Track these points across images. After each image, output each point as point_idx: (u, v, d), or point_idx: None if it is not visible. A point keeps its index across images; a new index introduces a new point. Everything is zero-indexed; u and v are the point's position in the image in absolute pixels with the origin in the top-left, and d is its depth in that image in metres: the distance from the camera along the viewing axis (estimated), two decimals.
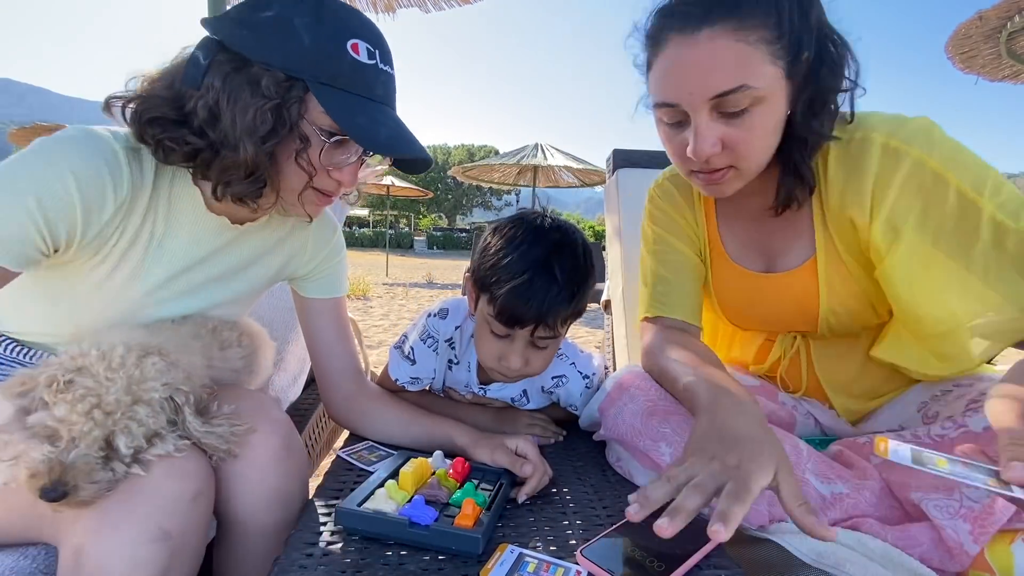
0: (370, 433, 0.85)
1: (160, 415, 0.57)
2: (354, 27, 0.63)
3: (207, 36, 0.62)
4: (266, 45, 0.59)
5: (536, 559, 0.52)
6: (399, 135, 0.65)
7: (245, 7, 0.61)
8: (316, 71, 0.60)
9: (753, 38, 0.62)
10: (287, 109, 0.60)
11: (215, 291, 0.77)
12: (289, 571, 0.51)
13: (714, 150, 0.67)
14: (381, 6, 2.59)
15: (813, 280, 0.78)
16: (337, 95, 0.61)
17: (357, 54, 0.62)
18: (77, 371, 0.54)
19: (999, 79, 3.70)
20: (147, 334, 0.62)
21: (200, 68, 0.60)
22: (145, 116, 0.60)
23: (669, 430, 0.71)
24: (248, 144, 0.60)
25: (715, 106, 0.65)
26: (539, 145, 8.72)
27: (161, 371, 0.57)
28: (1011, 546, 0.51)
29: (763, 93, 0.63)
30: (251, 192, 0.64)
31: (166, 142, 0.61)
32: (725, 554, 0.57)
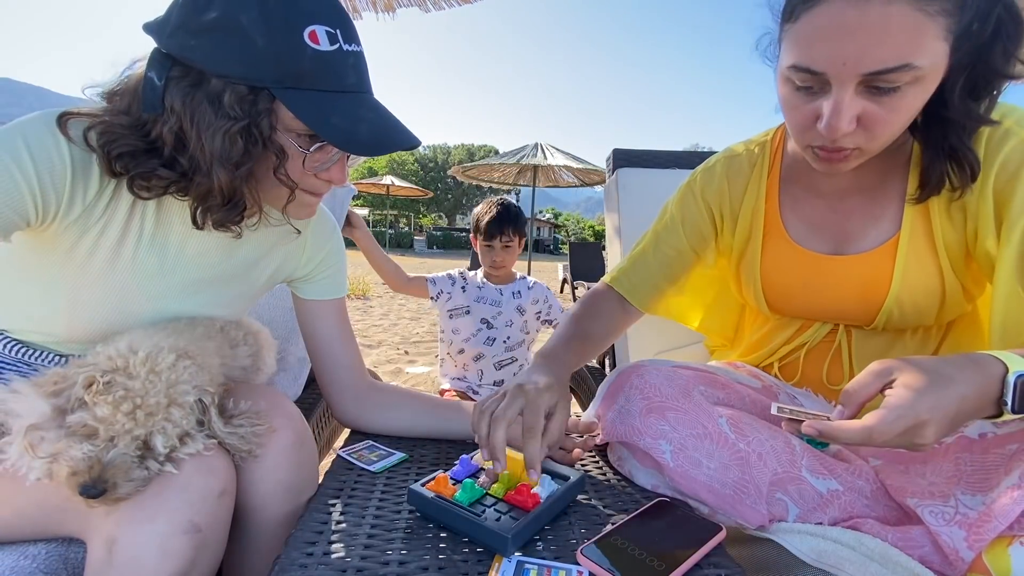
0: (383, 428, 0.85)
1: (191, 416, 0.58)
2: (306, 11, 0.56)
3: (156, 50, 0.57)
4: (218, 53, 0.54)
5: (537, 565, 0.52)
6: (381, 129, 0.60)
7: (186, 10, 0.55)
8: (278, 74, 0.55)
9: (934, 8, 0.54)
10: (256, 127, 0.56)
11: (213, 291, 0.76)
12: (289, 571, 0.51)
13: (850, 128, 0.61)
14: (381, 6, 2.59)
15: (888, 264, 0.73)
16: (306, 96, 0.56)
17: (316, 43, 0.56)
18: (115, 372, 0.55)
19: None
20: (169, 335, 0.63)
21: (157, 91, 0.55)
22: (114, 151, 0.57)
23: (668, 427, 0.70)
24: (221, 172, 0.56)
25: (866, 81, 0.58)
26: (539, 145, 8.71)
27: (193, 374, 0.59)
28: (1008, 548, 0.51)
29: (924, 72, 0.57)
30: (231, 217, 0.61)
31: (138, 180, 0.58)
32: (725, 554, 0.57)
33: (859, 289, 0.76)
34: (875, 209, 0.75)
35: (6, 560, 0.57)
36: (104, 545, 0.53)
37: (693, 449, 0.68)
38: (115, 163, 0.57)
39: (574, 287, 8.19)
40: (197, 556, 0.56)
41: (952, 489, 0.60)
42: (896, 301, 0.74)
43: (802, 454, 0.68)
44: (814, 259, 0.79)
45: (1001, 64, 0.60)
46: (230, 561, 0.67)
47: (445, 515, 0.58)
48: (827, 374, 0.85)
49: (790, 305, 0.85)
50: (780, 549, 0.62)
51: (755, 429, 0.69)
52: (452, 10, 2.61)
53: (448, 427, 0.82)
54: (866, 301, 0.76)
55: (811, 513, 0.65)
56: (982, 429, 0.62)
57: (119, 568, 0.53)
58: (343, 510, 0.63)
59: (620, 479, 0.76)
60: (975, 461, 0.60)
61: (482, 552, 0.56)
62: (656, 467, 0.71)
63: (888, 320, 0.76)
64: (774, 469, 0.66)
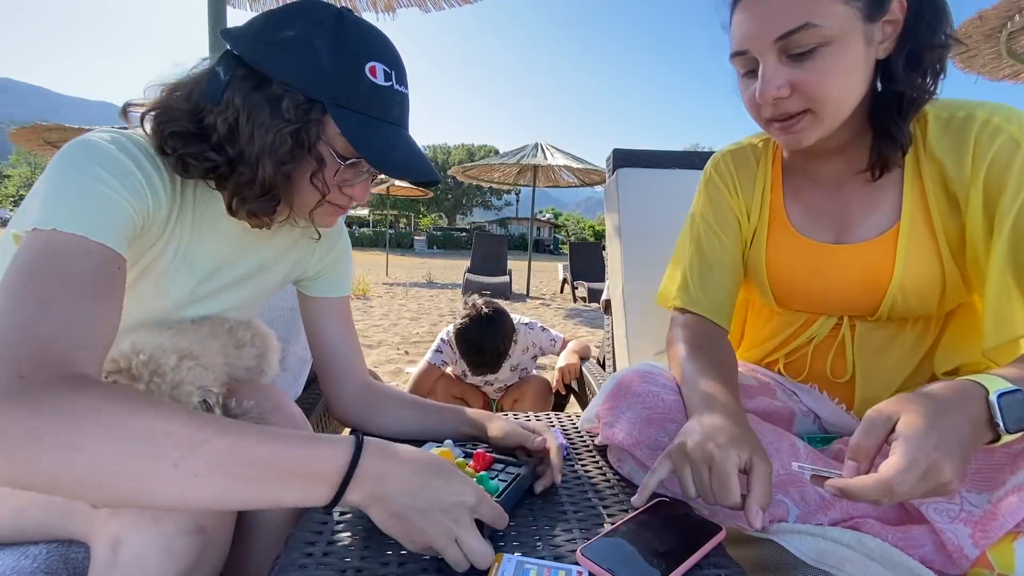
0: (382, 429, 0.85)
1: None
2: (373, 49, 0.63)
3: (227, 50, 0.63)
4: (287, 65, 0.60)
5: (536, 565, 0.52)
6: (411, 158, 0.66)
7: (267, 25, 0.62)
8: (334, 93, 0.61)
9: None
10: (306, 132, 0.61)
11: (231, 295, 0.78)
12: (289, 571, 0.51)
13: (781, 92, 0.67)
14: (381, 6, 2.59)
15: (889, 253, 0.75)
16: (353, 117, 0.62)
17: (374, 77, 0.63)
18: (118, 373, 0.55)
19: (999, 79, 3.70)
20: (173, 336, 0.64)
21: (220, 83, 0.61)
22: (167, 129, 0.61)
23: (666, 439, 0.71)
24: (267, 165, 0.61)
25: (782, 49, 0.65)
26: (539, 145, 8.71)
27: (197, 375, 0.59)
28: (1013, 543, 0.51)
29: (832, 33, 0.63)
30: (265, 209, 0.65)
31: (187, 157, 0.61)
32: (725, 554, 0.57)
33: (862, 278, 0.77)
34: (873, 195, 0.77)
35: (6, 560, 0.57)
36: (109, 546, 0.54)
37: None
38: (167, 141, 0.61)
39: (574, 287, 8.20)
40: (201, 557, 0.56)
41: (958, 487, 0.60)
42: (900, 289, 0.75)
43: (806, 456, 0.68)
44: (817, 248, 0.80)
45: (927, 35, 0.66)
46: (231, 561, 0.67)
47: None
48: (831, 368, 0.85)
49: (795, 297, 0.86)
50: (780, 549, 0.62)
51: (759, 432, 0.69)
52: (452, 10, 2.62)
53: (447, 431, 0.82)
54: (870, 290, 0.77)
55: (812, 515, 0.65)
56: None
57: (123, 569, 0.53)
58: (343, 510, 0.63)
59: (620, 479, 0.76)
60: (980, 459, 0.60)
61: None
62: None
63: (892, 309, 0.77)
64: (776, 472, 0.66)
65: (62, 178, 0.55)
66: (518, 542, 0.58)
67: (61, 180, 0.55)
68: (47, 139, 6.49)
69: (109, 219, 0.55)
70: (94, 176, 0.55)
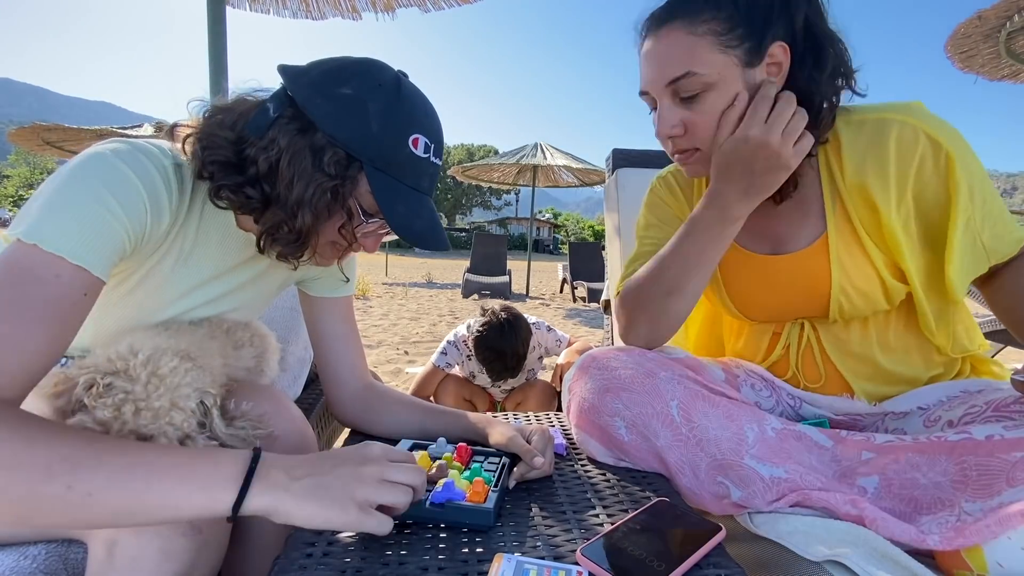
0: (382, 430, 0.85)
1: (192, 419, 0.58)
2: (419, 121, 0.66)
3: (282, 88, 0.64)
4: (336, 120, 0.62)
5: (536, 565, 0.52)
6: (431, 228, 0.68)
7: (326, 76, 0.63)
8: (375, 156, 0.63)
9: (701, 30, 0.70)
10: (342, 188, 0.63)
11: (232, 299, 0.79)
12: (289, 571, 0.51)
13: (674, 131, 0.76)
14: (381, 6, 2.59)
15: (824, 260, 0.79)
16: (387, 181, 0.64)
17: (416, 148, 0.65)
18: (115, 374, 0.55)
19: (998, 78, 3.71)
20: (170, 337, 0.63)
21: (268, 119, 0.62)
22: (208, 157, 0.62)
23: (621, 405, 0.76)
24: (307, 215, 0.63)
25: (674, 92, 0.74)
26: (539, 145, 8.71)
27: (195, 377, 0.59)
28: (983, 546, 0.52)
29: (712, 80, 0.71)
30: (296, 252, 0.68)
31: (224, 190, 0.63)
32: (725, 554, 0.57)
33: (804, 285, 0.82)
34: (800, 211, 0.82)
35: (6, 560, 0.57)
36: (105, 547, 0.54)
37: (644, 427, 0.75)
38: (206, 168, 0.63)
39: (574, 287, 8.20)
40: (197, 558, 0.56)
41: (958, 497, 0.60)
42: (841, 291, 0.79)
43: (754, 444, 0.71)
44: (759, 260, 0.86)
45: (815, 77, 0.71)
46: (230, 561, 0.67)
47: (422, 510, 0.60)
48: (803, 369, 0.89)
49: (755, 307, 0.91)
50: (780, 548, 0.62)
51: (706, 417, 0.73)
52: (452, 10, 2.62)
53: (447, 434, 0.82)
54: (814, 295, 0.82)
55: (754, 497, 0.68)
56: (989, 432, 0.62)
57: (119, 570, 0.53)
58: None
59: (620, 479, 0.76)
60: (980, 465, 0.61)
61: (482, 552, 0.56)
62: (612, 445, 0.78)
63: (841, 310, 0.81)
64: (713, 455, 0.71)
65: (63, 192, 0.55)
66: (518, 542, 0.58)
67: (61, 194, 0.55)
68: (46, 139, 6.49)
69: (96, 243, 0.55)
70: (95, 196, 0.55)
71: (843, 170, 0.76)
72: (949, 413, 0.73)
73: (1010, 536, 0.51)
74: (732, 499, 0.70)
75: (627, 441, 0.77)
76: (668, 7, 0.74)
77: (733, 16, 0.70)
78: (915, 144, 0.71)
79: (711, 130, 0.74)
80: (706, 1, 0.71)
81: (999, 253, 0.75)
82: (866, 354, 0.84)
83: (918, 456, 0.65)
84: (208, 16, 1.97)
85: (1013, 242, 0.76)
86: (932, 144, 0.71)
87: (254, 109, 0.64)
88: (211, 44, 1.98)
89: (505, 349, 1.71)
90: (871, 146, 0.74)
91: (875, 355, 0.83)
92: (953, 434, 0.65)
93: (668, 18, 0.73)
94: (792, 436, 0.73)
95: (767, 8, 0.70)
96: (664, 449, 0.74)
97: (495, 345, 1.71)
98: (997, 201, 0.74)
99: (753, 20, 0.70)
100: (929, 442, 0.65)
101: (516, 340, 1.73)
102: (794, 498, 0.67)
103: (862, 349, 0.84)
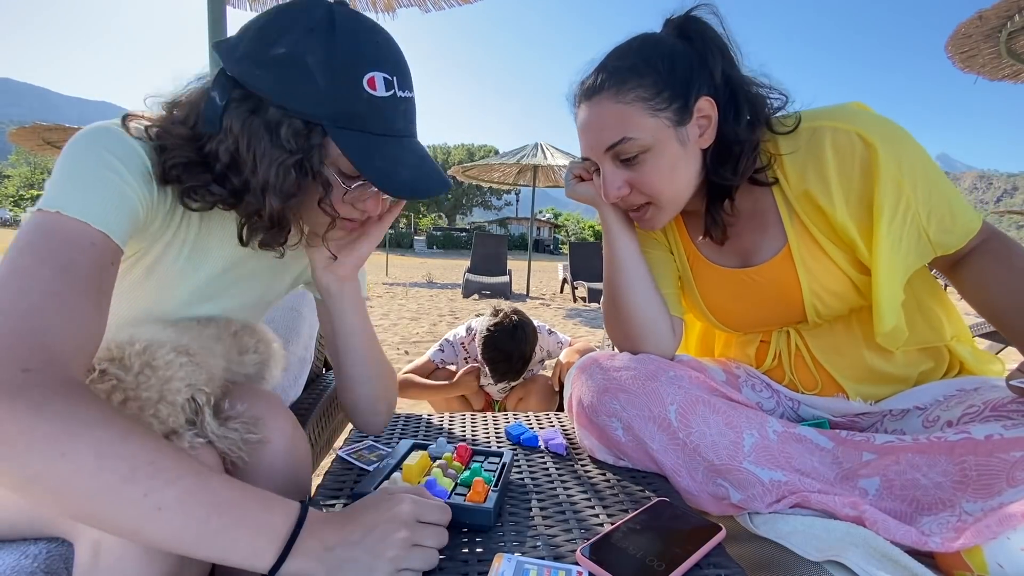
0: None
1: (180, 415, 0.57)
2: (368, 58, 0.59)
3: (221, 71, 0.59)
4: (281, 88, 0.57)
5: (536, 565, 0.52)
6: (418, 176, 0.63)
7: (256, 42, 0.58)
8: (333, 114, 0.58)
9: (629, 98, 0.73)
10: (308, 160, 0.59)
11: (238, 294, 0.77)
12: None
13: (621, 192, 0.79)
14: (381, 6, 2.59)
15: (790, 267, 0.81)
16: (355, 137, 0.59)
17: (374, 89, 0.59)
18: (111, 361, 0.54)
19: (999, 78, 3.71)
20: (176, 333, 0.63)
21: (217, 109, 0.58)
22: (169, 161, 0.59)
23: (618, 406, 0.77)
24: (273, 199, 0.59)
25: (613, 156, 0.77)
26: (539, 145, 8.71)
27: (189, 372, 0.58)
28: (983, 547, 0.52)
29: (647, 142, 0.74)
30: (276, 238, 0.65)
31: (191, 191, 0.60)
32: (725, 554, 0.57)
33: (776, 294, 0.84)
34: (759, 225, 0.84)
35: (6, 560, 0.57)
36: (90, 548, 0.52)
37: (639, 429, 0.76)
38: (169, 172, 0.59)
39: (574, 287, 8.19)
40: (185, 560, 0.54)
41: (958, 497, 0.60)
42: (813, 295, 0.81)
43: (751, 451, 0.71)
44: (730, 274, 0.88)
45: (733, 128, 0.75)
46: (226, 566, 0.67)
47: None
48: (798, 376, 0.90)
49: (734, 318, 0.93)
50: (780, 548, 0.62)
51: (706, 422, 0.73)
52: (452, 10, 2.62)
53: None
54: (788, 302, 0.84)
55: (753, 500, 0.69)
56: (988, 431, 0.62)
57: (105, 571, 0.51)
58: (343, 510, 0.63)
59: (620, 479, 0.76)
60: (980, 465, 0.61)
61: (482, 552, 0.56)
62: (610, 444, 0.79)
63: (818, 312, 0.83)
64: (711, 460, 0.72)
65: (73, 162, 0.55)
66: (518, 542, 0.58)
67: (72, 164, 0.54)
68: (47, 139, 6.49)
69: (113, 207, 0.54)
70: (104, 162, 0.55)
71: (788, 179, 0.78)
72: (947, 413, 0.73)
73: (1009, 536, 0.51)
74: (731, 500, 0.70)
75: (624, 442, 0.77)
76: (596, 79, 0.76)
77: (657, 81, 0.73)
78: (851, 148, 0.72)
79: (656, 186, 0.78)
80: (630, 70, 0.74)
81: (945, 245, 0.75)
82: (854, 354, 0.84)
83: (918, 457, 0.65)
84: (208, 16, 1.97)
85: (962, 234, 0.75)
86: (865, 144, 0.71)
87: (204, 100, 0.59)
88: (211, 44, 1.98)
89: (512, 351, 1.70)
90: (809, 155, 0.75)
91: (863, 354, 0.84)
92: (953, 434, 0.65)
93: (598, 89, 0.75)
94: (793, 439, 0.73)
95: (686, 69, 0.74)
96: (658, 452, 0.75)
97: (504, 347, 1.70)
98: (946, 193, 0.74)
99: (676, 82, 0.73)
100: (929, 442, 0.65)
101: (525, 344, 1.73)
102: (794, 500, 0.67)
103: (850, 349, 0.85)
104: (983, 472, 0.60)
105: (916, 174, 0.71)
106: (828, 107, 0.78)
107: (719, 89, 0.75)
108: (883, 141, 0.71)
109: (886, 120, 0.73)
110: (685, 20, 0.77)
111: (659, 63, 0.74)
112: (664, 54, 0.75)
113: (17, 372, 0.42)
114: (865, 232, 0.74)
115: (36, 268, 0.48)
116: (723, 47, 0.76)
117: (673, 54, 0.75)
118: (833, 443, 0.73)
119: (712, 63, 0.75)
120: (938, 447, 0.65)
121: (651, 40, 0.77)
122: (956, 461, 0.63)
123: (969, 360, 0.82)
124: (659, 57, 0.74)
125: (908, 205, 0.72)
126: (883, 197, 0.71)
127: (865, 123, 0.72)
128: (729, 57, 0.77)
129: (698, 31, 0.76)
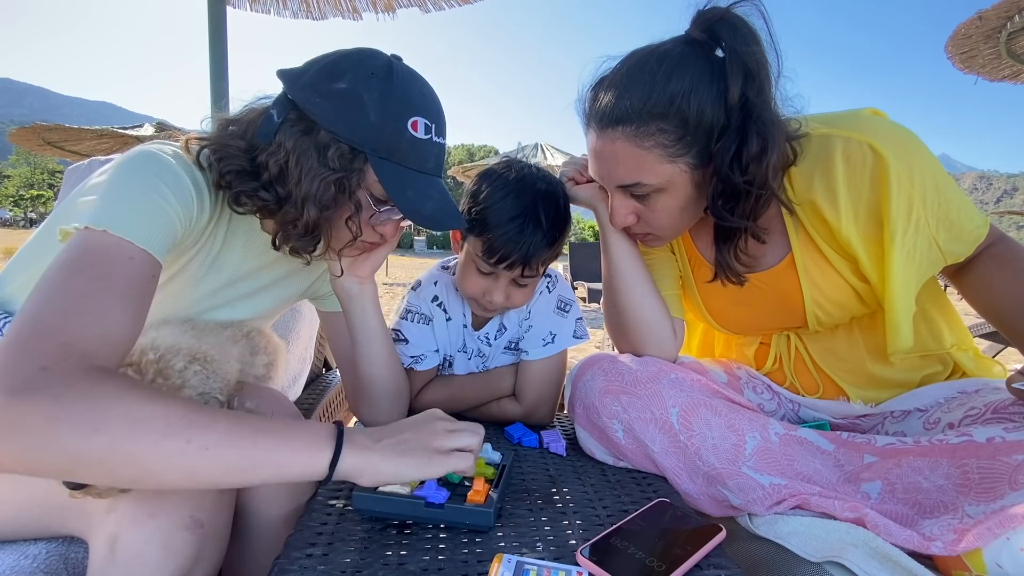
0: None
1: None
2: (415, 104, 0.67)
3: (282, 93, 0.67)
4: (336, 116, 0.64)
5: (536, 566, 0.52)
6: (442, 209, 0.69)
7: (321, 75, 0.65)
8: (377, 146, 0.65)
9: (648, 143, 0.70)
10: (348, 180, 0.66)
11: (252, 303, 0.81)
12: (289, 571, 0.51)
13: (627, 221, 0.79)
14: (381, 6, 2.59)
15: (793, 275, 0.80)
16: (392, 168, 0.66)
17: (416, 131, 0.66)
18: (129, 365, 0.56)
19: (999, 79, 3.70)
20: (194, 337, 0.65)
21: (273, 125, 0.65)
22: (225, 167, 0.66)
23: (620, 408, 0.77)
24: (312, 209, 0.65)
25: (623, 189, 0.76)
26: (539, 145, 8.70)
27: (202, 380, 0.60)
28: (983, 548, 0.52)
29: (661, 185, 0.73)
30: (307, 246, 0.71)
31: (242, 195, 0.66)
32: (725, 554, 0.57)
33: (778, 300, 0.84)
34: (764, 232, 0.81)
35: (6, 560, 0.57)
36: (106, 543, 0.54)
37: (640, 432, 0.76)
38: (223, 178, 0.66)
39: (574, 287, 8.20)
40: (200, 552, 0.57)
41: (961, 500, 0.60)
42: (815, 303, 0.81)
43: (752, 455, 0.71)
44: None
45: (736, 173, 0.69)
46: (231, 562, 0.67)
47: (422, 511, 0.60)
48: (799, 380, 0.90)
49: (734, 322, 0.93)
50: (780, 549, 0.62)
51: (707, 425, 0.73)
52: (452, 10, 2.61)
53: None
54: (790, 310, 0.83)
55: (753, 504, 0.69)
56: (990, 434, 0.62)
57: (122, 566, 0.53)
58: (343, 510, 0.63)
59: (619, 479, 0.76)
60: (983, 468, 0.60)
61: (482, 552, 0.56)
62: (611, 446, 0.79)
63: (818, 320, 0.82)
64: (711, 464, 0.71)
65: (121, 183, 0.59)
66: (518, 542, 0.58)
67: (120, 185, 0.59)
68: (47, 139, 6.48)
69: (157, 228, 0.58)
70: (151, 186, 0.60)
71: (794, 188, 0.76)
72: (949, 415, 0.73)
73: (1008, 537, 0.51)
74: (731, 503, 0.70)
75: (624, 444, 0.77)
76: (614, 108, 0.70)
77: (679, 126, 0.69)
78: (863, 160, 0.69)
79: (663, 223, 0.78)
80: (651, 114, 0.68)
81: (956, 254, 0.76)
82: (855, 360, 0.84)
83: (920, 460, 0.65)
84: (208, 16, 1.97)
85: (971, 241, 0.75)
86: (877, 157, 0.69)
87: (261, 117, 0.67)
88: (212, 44, 1.98)
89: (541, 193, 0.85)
90: (817, 164, 0.72)
91: (864, 361, 0.84)
92: (954, 436, 0.65)
93: (614, 122, 0.71)
94: (795, 441, 0.73)
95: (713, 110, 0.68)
96: (659, 455, 0.74)
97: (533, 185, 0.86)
98: (955, 202, 0.72)
99: (700, 130, 0.69)
100: (930, 445, 0.65)
101: (557, 191, 0.89)
102: (794, 502, 0.67)
103: (850, 355, 0.85)
104: (985, 475, 0.60)
105: (927, 186, 0.70)
106: (841, 113, 0.75)
107: (731, 112, 0.68)
108: (896, 155, 0.68)
109: (900, 129, 0.71)
110: (719, 24, 0.68)
111: (684, 105, 0.68)
112: (689, 90, 0.68)
113: (36, 370, 0.44)
114: (871, 243, 0.73)
115: (70, 278, 0.51)
116: (751, 67, 0.67)
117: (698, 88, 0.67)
118: (834, 445, 0.73)
119: (731, 81, 0.67)
120: (940, 450, 0.64)
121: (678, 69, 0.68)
122: (958, 464, 0.62)
123: (970, 366, 0.82)
124: (683, 95, 0.68)
125: (920, 217, 0.70)
126: (896, 212, 0.69)
127: (878, 134, 0.70)
128: (755, 79, 0.67)
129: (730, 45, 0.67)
